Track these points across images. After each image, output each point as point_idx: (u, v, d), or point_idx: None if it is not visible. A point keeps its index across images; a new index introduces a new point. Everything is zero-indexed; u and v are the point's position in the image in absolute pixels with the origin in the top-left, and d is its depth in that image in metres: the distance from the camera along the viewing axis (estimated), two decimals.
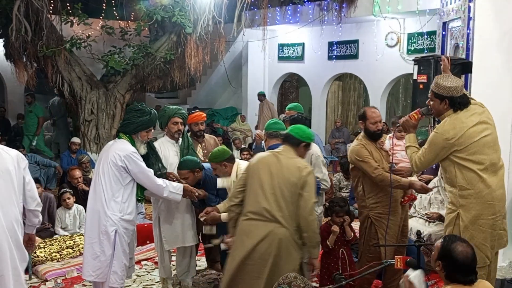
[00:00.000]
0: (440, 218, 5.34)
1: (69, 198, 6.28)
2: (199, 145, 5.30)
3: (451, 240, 2.73)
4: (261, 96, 12.49)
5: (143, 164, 4.06)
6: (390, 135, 4.48)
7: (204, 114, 5.41)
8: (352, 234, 4.42)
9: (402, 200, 4.31)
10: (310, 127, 4.65)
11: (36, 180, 6.64)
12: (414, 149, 3.70)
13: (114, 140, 4.19)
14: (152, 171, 4.13)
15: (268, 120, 4.55)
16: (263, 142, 4.87)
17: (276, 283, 2.86)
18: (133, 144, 4.09)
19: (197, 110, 5.55)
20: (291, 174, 3.50)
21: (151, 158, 4.31)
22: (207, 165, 4.59)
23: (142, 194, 4.19)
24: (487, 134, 3.52)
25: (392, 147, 4.27)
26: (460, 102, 3.54)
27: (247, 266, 3.45)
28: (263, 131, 4.51)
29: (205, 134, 5.42)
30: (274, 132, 4.05)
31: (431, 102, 3.64)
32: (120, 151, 3.99)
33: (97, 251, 3.99)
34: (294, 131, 3.74)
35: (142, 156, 4.14)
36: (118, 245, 4.00)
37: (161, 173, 4.35)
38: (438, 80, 3.60)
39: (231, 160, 4.35)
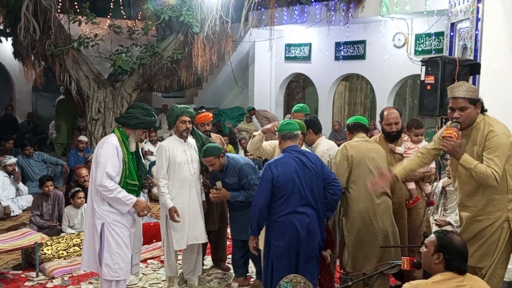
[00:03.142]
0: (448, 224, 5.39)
1: (84, 197, 6.29)
2: None
3: (445, 232, 2.84)
4: (251, 111, 12.41)
5: (110, 160, 3.93)
6: (407, 137, 4.43)
7: (211, 115, 5.44)
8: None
9: (407, 203, 4.29)
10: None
11: (49, 178, 6.70)
12: (483, 165, 3.26)
13: (107, 136, 4.20)
14: (111, 169, 3.94)
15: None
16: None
17: (278, 285, 2.90)
18: (126, 139, 4.09)
19: (204, 110, 5.56)
20: (385, 157, 4.24)
21: (140, 161, 4.31)
22: (230, 154, 4.71)
23: (126, 189, 4.03)
24: None
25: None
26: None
27: (376, 239, 4.08)
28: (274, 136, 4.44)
29: (211, 133, 5.43)
30: (288, 133, 4.00)
31: (466, 111, 3.33)
32: (101, 143, 4.04)
33: (90, 244, 4.08)
34: (364, 120, 4.40)
35: (132, 153, 4.13)
36: (107, 238, 3.98)
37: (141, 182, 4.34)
38: (464, 85, 3.38)
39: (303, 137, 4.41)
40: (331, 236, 4.23)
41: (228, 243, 5.76)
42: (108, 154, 3.96)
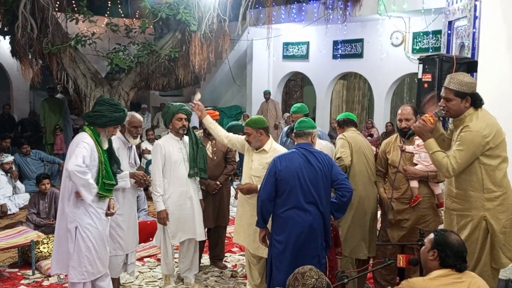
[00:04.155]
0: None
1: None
2: (209, 142, 5.30)
3: (443, 231, 2.90)
4: (268, 94, 12.49)
5: (81, 150, 3.79)
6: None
7: (217, 113, 5.33)
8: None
9: (410, 202, 4.28)
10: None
11: (46, 176, 6.69)
12: (442, 153, 3.37)
13: (77, 135, 4.07)
14: (84, 151, 3.79)
15: (271, 119, 4.56)
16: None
17: (292, 273, 2.86)
18: (98, 137, 3.96)
19: (209, 108, 5.48)
20: (371, 150, 4.57)
21: (113, 156, 4.15)
22: None
23: (103, 189, 3.95)
24: (505, 135, 3.43)
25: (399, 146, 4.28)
26: (481, 99, 3.42)
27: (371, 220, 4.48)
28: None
29: None
30: (300, 131, 3.99)
31: (450, 102, 3.38)
32: (75, 142, 3.90)
33: (62, 247, 3.98)
34: (353, 116, 4.68)
35: (105, 151, 4.01)
36: (78, 241, 3.91)
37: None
38: (457, 77, 3.39)
39: (267, 131, 4.43)
40: (339, 237, 4.27)
41: (226, 241, 5.76)
42: (82, 150, 3.79)
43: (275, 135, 10.56)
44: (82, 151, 3.79)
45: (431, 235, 2.87)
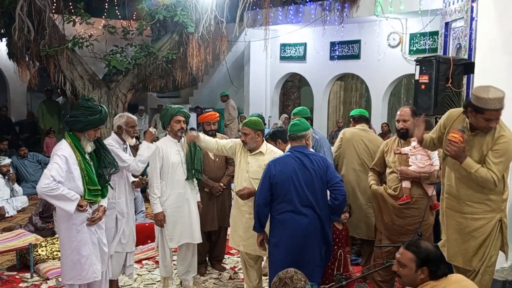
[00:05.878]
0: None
1: None
2: None
3: (416, 244, 2.75)
4: (224, 97, 12.51)
5: (53, 165, 3.76)
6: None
7: (217, 114, 5.36)
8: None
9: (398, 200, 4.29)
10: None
11: None
12: (483, 169, 3.30)
13: (57, 143, 4.03)
14: (55, 173, 3.74)
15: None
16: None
17: (277, 277, 2.86)
18: (78, 142, 3.90)
19: (210, 110, 5.51)
20: (378, 143, 4.86)
21: (104, 158, 4.07)
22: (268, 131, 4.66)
23: (90, 195, 3.93)
24: None
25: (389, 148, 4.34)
26: None
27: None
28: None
29: (217, 133, 5.37)
30: (293, 134, 3.97)
31: (495, 122, 3.28)
32: (53, 152, 3.90)
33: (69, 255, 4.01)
34: (365, 112, 5.24)
35: (90, 154, 3.98)
36: (66, 246, 3.96)
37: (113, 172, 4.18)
38: (494, 95, 3.20)
39: (264, 133, 4.43)
40: (348, 237, 4.48)
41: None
42: (53, 165, 3.76)
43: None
44: (53, 167, 3.75)
45: (408, 254, 2.70)
